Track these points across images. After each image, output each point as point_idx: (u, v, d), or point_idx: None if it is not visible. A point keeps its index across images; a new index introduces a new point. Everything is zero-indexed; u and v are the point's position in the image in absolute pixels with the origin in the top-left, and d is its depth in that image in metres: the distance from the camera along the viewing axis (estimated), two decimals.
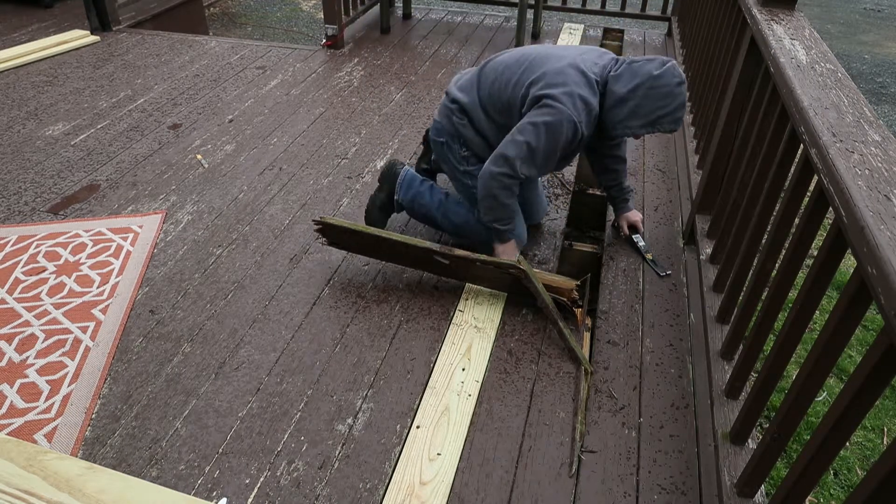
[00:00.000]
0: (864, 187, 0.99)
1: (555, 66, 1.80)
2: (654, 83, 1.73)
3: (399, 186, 2.14)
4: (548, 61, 1.83)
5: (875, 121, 1.21)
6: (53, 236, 2.17)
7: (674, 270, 2.14)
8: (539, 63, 1.84)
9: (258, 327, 1.85)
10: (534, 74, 1.82)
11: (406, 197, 2.13)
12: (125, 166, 2.61)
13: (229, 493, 1.40)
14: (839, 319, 1.01)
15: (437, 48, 4.02)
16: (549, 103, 1.75)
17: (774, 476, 2.07)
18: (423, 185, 2.14)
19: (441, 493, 1.41)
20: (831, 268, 1.12)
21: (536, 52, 1.91)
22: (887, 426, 2.41)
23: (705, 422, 1.59)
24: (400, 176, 2.14)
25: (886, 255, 0.85)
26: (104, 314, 1.87)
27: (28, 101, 3.13)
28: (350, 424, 1.57)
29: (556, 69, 1.80)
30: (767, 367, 1.26)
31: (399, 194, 2.14)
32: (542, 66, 1.83)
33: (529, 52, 1.92)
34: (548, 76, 1.79)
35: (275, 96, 3.28)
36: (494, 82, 1.92)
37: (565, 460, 1.51)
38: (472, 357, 1.77)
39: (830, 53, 1.52)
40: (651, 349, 1.84)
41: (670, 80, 1.74)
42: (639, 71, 1.76)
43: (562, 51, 1.89)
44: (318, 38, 5.90)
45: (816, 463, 1.04)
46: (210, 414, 1.58)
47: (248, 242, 2.19)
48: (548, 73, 1.80)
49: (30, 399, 1.60)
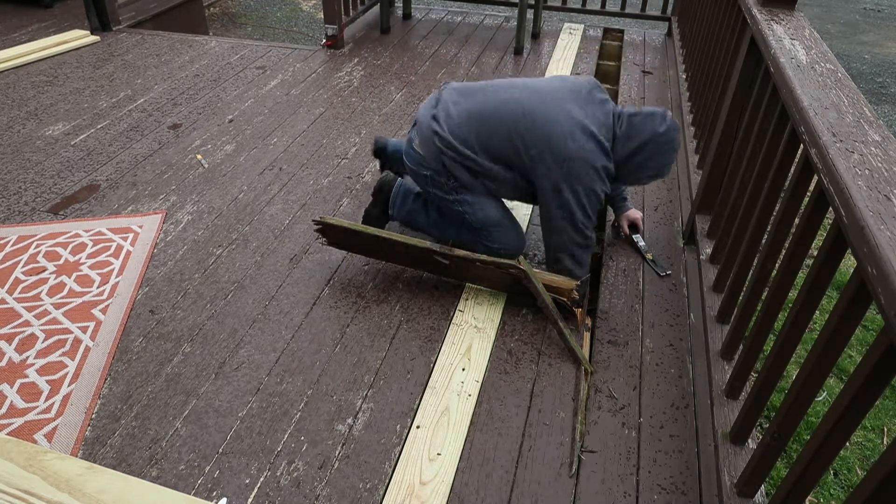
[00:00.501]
0: (864, 187, 0.99)
1: (563, 129, 1.73)
2: (660, 140, 1.80)
3: (392, 203, 2.13)
4: (554, 124, 1.74)
5: (875, 121, 1.21)
6: (53, 236, 2.17)
7: (674, 270, 2.14)
8: (543, 123, 1.75)
9: (258, 327, 1.85)
10: (542, 141, 1.75)
11: (400, 214, 2.13)
12: (125, 166, 2.61)
13: (229, 493, 1.40)
14: (839, 319, 1.01)
15: (437, 48, 4.02)
16: (579, 180, 1.77)
17: (774, 476, 2.07)
18: (416, 201, 2.11)
19: (441, 493, 1.41)
20: (831, 268, 1.12)
21: (531, 102, 1.79)
22: (887, 426, 2.41)
23: (705, 422, 1.59)
24: (393, 192, 2.12)
25: (886, 254, 0.85)
26: (104, 314, 1.87)
27: (28, 101, 3.13)
28: (350, 424, 1.57)
29: (564, 133, 1.73)
30: (767, 367, 1.26)
31: (393, 210, 2.14)
32: (548, 128, 1.74)
33: (524, 100, 1.80)
34: (561, 146, 1.73)
35: (275, 96, 3.28)
36: (493, 136, 1.82)
37: (565, 460, 1.51)
38: (472, 357, 1.77)
39: (830, 53, 1.52)
40: (651, 349, 1.84)
41: (673, 135, 1.82)
42: (642, 128, 1.80)
43: (561, 102, 1.78)
44: (318, 38, 5.90)
45: (816, 463, 1.04)
46: (210, 414, 1.58)
47: (248, 242, 2.19)
48: (557, 139, 1.73)
49: (30, 399, 1.60)
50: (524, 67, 3.76)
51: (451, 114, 1.87)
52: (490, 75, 3.63)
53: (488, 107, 1.85)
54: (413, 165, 1.95)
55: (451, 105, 1.89)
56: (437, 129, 1.87)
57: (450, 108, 1.89)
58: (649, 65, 3.89)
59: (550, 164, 1.77)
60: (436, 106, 1.92)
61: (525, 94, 1.83)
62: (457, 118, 1.86)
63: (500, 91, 1.88)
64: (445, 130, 1.86)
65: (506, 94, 1.86)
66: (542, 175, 1.80)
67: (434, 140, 1.87)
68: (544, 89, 1.84)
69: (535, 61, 3.85)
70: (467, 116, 1.86)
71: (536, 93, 1.83)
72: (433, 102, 1.94)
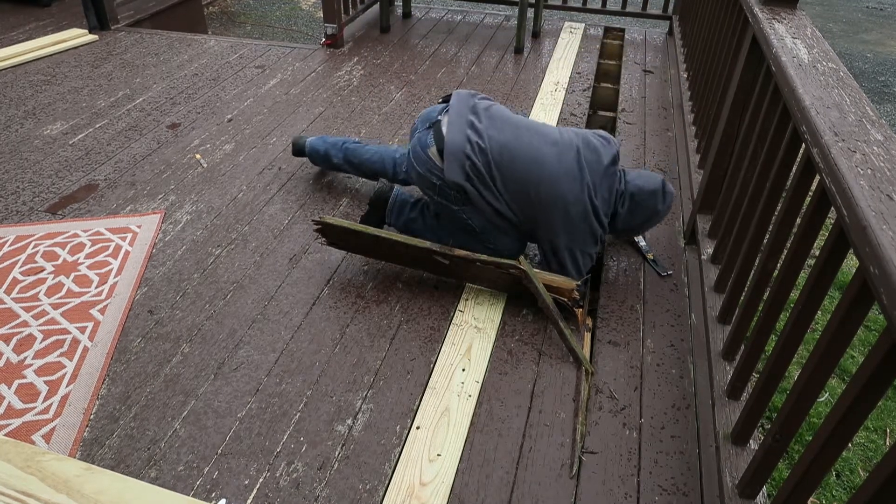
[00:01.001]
0: (866, 187, 0.99)
1: (577, 208, 1.82)
2: (657, 215, 1.99)
3: (389, 213, 2.13)
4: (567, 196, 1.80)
5: (877, 120, 1.20)
6: (51, 236, 2.17)
7: (675, 270, 2.13)
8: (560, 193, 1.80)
9: (257, 327, 1.84)
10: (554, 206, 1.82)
11: (397, 223, 2.13)
12: (124, 166, 2.60)
13: (228, 494, 1.40)
14: (841, 320, 1.00)
15: (437, 47, 4.02)
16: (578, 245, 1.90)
17: (776, 477, 2.07)
18: (413, 209, 2.11)
19: (441, 494, 1.41)
20: (833, 268, 1.11)
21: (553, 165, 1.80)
22: (890, 427, 2.41)
23: (706, 422, 1.58)
24: (390, 202, 2.12)
25: (889, 254, 0.84)
26: (102, 314, 1.86)
27: (26, 101, 3.12)
28: (350, 425, 1.57)
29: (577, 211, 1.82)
30: (769, 367, 1.26)
31: (390, 219, 2.14)
32: (563, 199, 1.80)
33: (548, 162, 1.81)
34: (569, 217, 1.83)
35: (274, 95, 3.27)
36: (515, 181, 1.83)
37: (566, 461, 1.50)
38: (472, 357, 1.77)
39: (832, 52, 1.51)
40: (652, 349, 1.83)
41: (668, 209, 2.00)
42: (643, 206, 1.95)
43: (580, 174, 1.81)
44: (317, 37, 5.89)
45: (818, 464, 1.03)
46: (209, 414, 1.58)
47: (247, 242, 2.19)
48: (567, 211, 1.82)
49: (28, 400, 1.59)
50: (524, 67, 3.75)
51: (487, 143, 1.83)
52: (490, 75, 3.62)
53: (519, 153, 1.82)
54: (422, 170, 1.90)
55: (487, 132, 1.84)
56: (471, 153, 1.82)
57: (486, 135, 1.84)
58: (650, 64, 3.89)
59: (556, 226, 1.85)
60: (473, 123, 1.85)
61: (551, 155, 1.82)
62: (490, 150, 1.82)
63: (533, 138, 1.85)
64: (478, 158, 1.82)
65: (535, 144, 1.84)
66: (546, 231, 1.88)
67: (465, 162, 1.82)
68: (566, 151, 1.84)
69: (536, 60, 3.85)
70: (499, 150, 1.83)
71: (558, 156, 1.83)
72: (465, 119, 1.87)
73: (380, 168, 2.28)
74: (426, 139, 1.90)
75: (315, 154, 2.42)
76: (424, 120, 1.98)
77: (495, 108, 1.94)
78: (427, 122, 1.95)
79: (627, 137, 3.00)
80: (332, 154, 2.36)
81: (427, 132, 1.92)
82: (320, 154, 2.40)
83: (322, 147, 2.39)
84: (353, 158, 2.33)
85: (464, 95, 1.96)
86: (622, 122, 3.15)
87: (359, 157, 2.31)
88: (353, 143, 2.37)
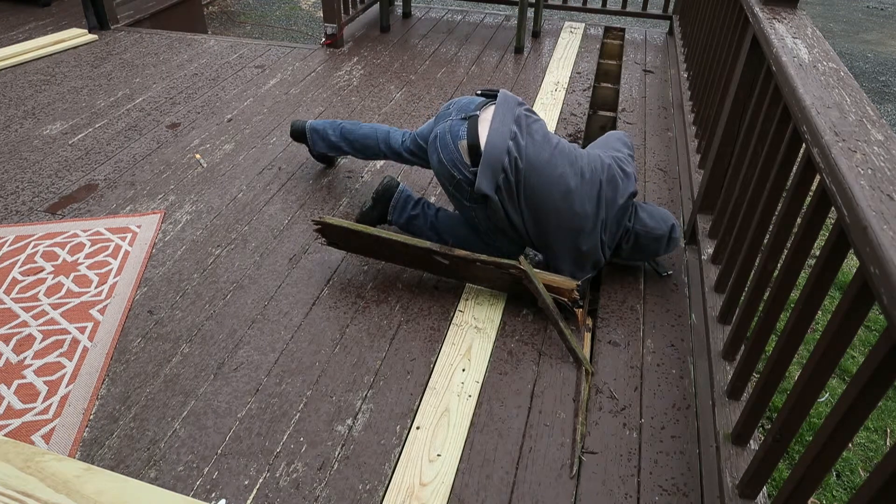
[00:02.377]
0: (866, 187, 0.98)
1: (589, 241, 1.87)
2: (658, 254, 2.05)
3: (392, 209, 2.14)
4: (583, 226, 1.84)
5: (878, 120, 1.20)
6: (51, 236, 2.16)
7: (675, 270, 2.13)
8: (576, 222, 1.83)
9: (257, 328, 1.84)
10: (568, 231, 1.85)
11: (400, 220, 2.14)
12: (123, 166, 2.60)
13: (228, 494, 1.40)
14: (841, 320, 1.00)
15: (437, 47, 4.01)
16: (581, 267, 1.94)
17: (776, 477, 2.06)
18: (415, 208, 2.12)
19: (441, 495, 1.41)
20: (833, 268, 1.11)
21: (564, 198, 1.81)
22: (890, 427, 2.41)
23: (707, 423, 1.58)
24: (394, 198, 2.13)
25: (889, 255, 0.84)
26: (102, 314, 1.86)
27: (25, 100, 3.12)
28: (349, 425, 1.56)
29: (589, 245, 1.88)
30: (769, 367, 1.26)
31: (392, 216, 2.14)
32: (578, 227, 1.84)
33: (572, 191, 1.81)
34: (572, 257, 1.89)
35: (274, 95, 3.27)
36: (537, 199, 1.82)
37: (566, 461, 1.50)
38: (472, 357, 1.76)
39: (833, 52, 1.51)
40: (652, 350, 1.83)
41: (672, 251, 2.06)
42: (647, 248, 2.01)
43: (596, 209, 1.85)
44: (317, 37, 5.89)
45: (819, 464, 1.03)
46: (209, 415, 1.58)
47: (247, 242, 2.19)
48: (580, 241, 1.87)
49: (27, 400, 1.59)
50: (524, 67, 3.75)
51: (525, 161, 1.80)
52: (490, 74, 3.62)
53: (550, 179, 1.81)
54: (445, 158, 1.84)
55: (527, 150, 1.81)
56: (507, 166, 1.78)
57: (525, 152, 1.81)
58: (650, 63, 3.88)
59: (564, 253, 1.89)
60: (516, 136, 1.81)
61: (577, 188, 1.83)
62: (525, 169, 1.80)
63: (565, 167, 1.83)
64: (512, 174, 1.79)
65: (566, 174, 1.82)
66: (552, 252, 1.91)
67: (499, 175, 1.78)
68: (591, 186, 1.85)
69: (536, 60, 3.84)
70: (532, 170, 1.81)
71: (584, 191, 1.84)
72: (509, 129, 1.82)
73: (371, 141, 2.31)
74: (459, 129, 1.83)
75: (315, 132, 2.45)
76: (461, 109, 1.89)
77: (538, 124, 1.91)
78: (462, 112, 1.87)
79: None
80: (330, 132, 2.41)
81: (461, 122, 1.84)
82: (319, 132, 2.43)
83: (321, 126, 2.44)
84: (348, 134, 2.37)
85: (511, 101, 1.90)
86: (622, 122, 3.15)
87: (353, 133, 2.36)
88: (350, 122, 2.44)
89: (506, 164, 1.77)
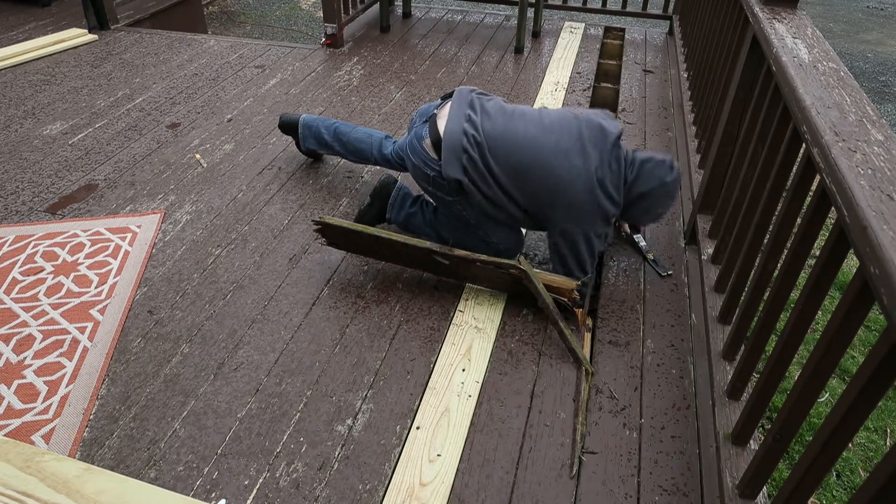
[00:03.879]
0: (866, 187, 0.98)
1: (581, 186, 1.77)
2: (665, 188, 1.89)
3: (390, 207, 2.14)
4: (574, 181, 1.77)
5: (878, 120, 1.20)
6: (51, 236, 2.16)
7: (675, 270, 2.13)
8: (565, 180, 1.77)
9: (257, 328, 1.84)
10: (561, 192, 1.79)
11: (398, 218, 2.14)
12: (123, 166, 2.60)
13: (228, 494, 1.40)
14: (841, 320, 1.00)
15: (436, 47, 4.01)
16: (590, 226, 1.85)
17: (776, 477, 2.06)
18: (413, 205, 2.13)
19: (441, 495, 1.41)
20: (833, 268, 1.11)
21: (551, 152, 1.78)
22: (890, 427, 2.41)
23: (707, 423, 1.58)
24: (392, 195, 2.13)
25: (889, 255, 0.84)
26: (102, 314, 1.86)
27: (25, 100, 3.12)
28: (349, 425, 1.56)
29: (580, 202, 1.79)
30: (769, 367, 1.26)
31: (390, 214, 2.15)
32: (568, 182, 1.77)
33: (546, 147, 1.79)
34: (571, 212, 1.81)
35: (274, 95, 3.27)
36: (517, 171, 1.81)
37: (566, 461, 1.50)
38: (472, 357, 1.76)
39: (833, 52, 1.51)
40: (652, 350, 1.83)
41: (676, 185, 1.92)
42: (651, 175, 1.88)
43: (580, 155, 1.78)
44: (317, 37, 5.89)
45: (819, 464, 1.03)
46: (209, 415, 1.58)
47: (247, 242, 2.19)
48: (575, 194, 1.78)
49: (27, 400, 1.59)
50: (524, 67, 3.75)
51: (483, 135, 1.82)
52: (490, 74, 3.62)
53: (513, 141, 1.81)
54: (417, 161, 1.92)
55: (483, 124, 1.84)
56: (468, 146, 1.81)
57: (481, 127, 1.82)
58: (650, 63, 3.88)
59: (561, 208, 1.82)
60: (470, 118, 1.85)
61: (544, 138, 1.80)
62: (485, 142, 1.81)
63: (527, 125, 1.83)
64: (475, 151, 1.81)
65: (529, 131, 1.82)
66: (553, 218, 1.85)
67: (461, 156, 1.81)
68: (564, 131, 1.82)
69: (536, 60, 3.84)
70: (494, 140, 1.81)
71: (555, 139, 1.80)
72: (463, 113, 1.86)
73: (366, 146, 2.33)
74: (422, 131, 1.93)
75: (307, 129, 2.45)
76: (422, 115, 2.00)
77: (493, 101, 1.94)
78: (424, 117, 1.98)
79: (627, 137, 3.00)
80: (324, 131, 2.41)
81: (423, 125, 1.94)
82: (312, 130, 2.44)
83: (314, 123, 2.45)
84: (342, 136, 2.38)
85: (464, 92, 1.96)
86: (622, 122, 3.15)
87: (347, 136, 2.37)
88: (344, 124, 2.43)
89: (465, 144, 1.82)
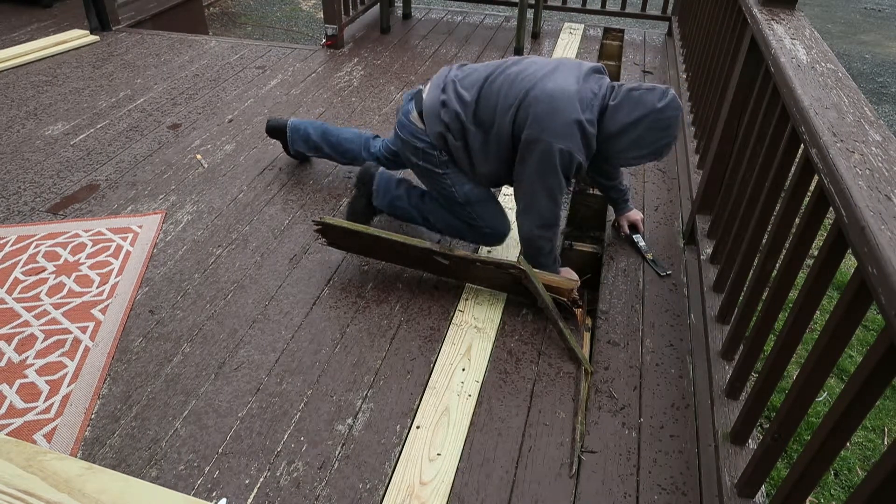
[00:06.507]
0: (864, 187, 0.99)
1: (551, 107, 1.70)
2: (659, 116, 1.69)
3: (376, 193, 2.14)
4: (549, 103, 1.70)
5: (876, 121, 1.20)
6: (53, 236, 2.17)
7: (674, 270, 2.14)
8: (536, 99, 1.73)
9: (258, 327, 1.84)
10: (529, 113, 1.73)
11: (384, 203, 2.15)
12: (125, 166, 2.60)
13: (229, 493, 1.40)
14: (840, 319, 1.01)
15: (437, 48, 4.02)
16: (545, 149, 1.71)
17: (775, 476, 2.07)
18: (398, 188, 2.14)
19: (441, 494, 1.41)
20: (832, 268, 1.12)
21: (532, 75, 1.79)
22: (888, 426, 2.41)
23: (706, 422, 1.59)
24: (376, 180, 2.14)
25: (887, 255, 0.85)
26: (104, 314, 1.86)
27: (27, 101, 3.12)
28: (350, 425, 1.57)
29: (552, 109, 1.70)
30: (768, 367, 1.26)
31: (376, 200, 2.15)
32: (539, 105, 1.71)
33: (525, 74, 1.80)
34: (545, 119, 1.71)
35: (274, 96, 3.27)
36: (496, 108, 1.81)
37: (565, 460, 1.51)
38: (472, 357, 1.77)
39: (831, 53, 1.52)
40: (651, 349, 1.83)
41: (671, 113, 1.70)
42: (640, 101, 1.71)
43: (557, 76, 1.76)
44: (317, 38, 5.90)
45: (817, 463, 1.03)
46: (210, 414, 1.58)
47: (247, 242, 2.19)
48: (544, 115, 1.71)
49: (29, 399, 1.60)
50: None
51: (461, 89, 1.88)
52: None
53: (489, 86, 1.84)
54: (405, 136, 1.98)
55: (461, 83, 1.90)
56: (447, 100, 1.88)
57: (459, 85, 1.90)
58: (649, 64, 3.89)
59: (528, 113, 1.73)
60: (444, 88, 1.91)
61: (516, 74, 1.82)
62: (463, 95, 1.87)
63: (502, 74, 1.86)
64: (456, 104, 1.86)
65: (505, 74, 1.84)
66: (520, 136, 1.76)
67: (440, 110, 1.89)
68: (538, 66, 1.83)
69: None
70: (472, 91, 1.86)
71: (530, 65, 1.84)
72: (442, 81, 1.94)
73: (354, 146, 2.36)
74: (408, 106, 2.00)
75: (296, 131, 2.46)
76: (408, 95, 2.06)
77: (470, 66, 1.99)
78: (410, 96, 2.04)
79: None
80: (311, 132, 2.44)
81: (410, 102, 2.01)
82: (300, 132, 2.46)
83: (302, 125, 2.47)
84: (330, 137, 2.42)
85: (445, 67, 2.03)
86: None
87: (335, 136, 2.41)
88: (332, 126, 2.47)
89: (443, 98, 1.88)
